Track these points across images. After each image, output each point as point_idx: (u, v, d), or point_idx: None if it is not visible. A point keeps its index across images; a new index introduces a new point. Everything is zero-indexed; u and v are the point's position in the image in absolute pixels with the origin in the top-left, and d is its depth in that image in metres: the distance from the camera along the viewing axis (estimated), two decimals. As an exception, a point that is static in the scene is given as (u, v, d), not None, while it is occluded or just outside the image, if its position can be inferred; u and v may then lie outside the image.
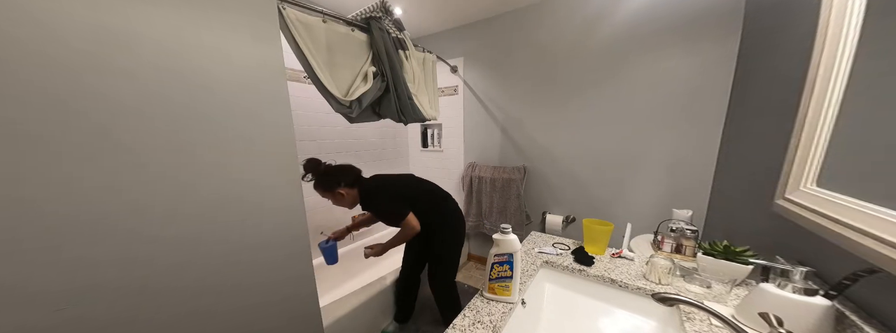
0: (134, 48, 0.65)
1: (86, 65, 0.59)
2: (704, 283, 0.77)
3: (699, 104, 1.45)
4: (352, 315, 1.42)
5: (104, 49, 0.61)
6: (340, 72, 1.30)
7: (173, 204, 0.73)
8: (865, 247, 0.44)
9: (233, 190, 0.84)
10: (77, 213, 0.61)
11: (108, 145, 0.63)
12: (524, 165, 2.07)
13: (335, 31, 1.26)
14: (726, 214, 1.28)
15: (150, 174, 0.69)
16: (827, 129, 0.61)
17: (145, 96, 0.67)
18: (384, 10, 1.42)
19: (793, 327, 0.50)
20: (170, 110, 0.71)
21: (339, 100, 1.27)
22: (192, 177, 0.76)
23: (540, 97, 1.96)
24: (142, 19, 0.66)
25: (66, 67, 0.57)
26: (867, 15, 0.55)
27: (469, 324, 0.67)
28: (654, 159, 1.63)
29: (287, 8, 1.08)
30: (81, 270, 0.63)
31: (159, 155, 0.70)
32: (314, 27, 1.17)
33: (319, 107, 1.76)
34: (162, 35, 0.68)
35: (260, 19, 0.86)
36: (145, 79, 0.67)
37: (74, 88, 0.58)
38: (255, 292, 0.93)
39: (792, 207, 0.66)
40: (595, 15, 1.67)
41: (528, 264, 0.95)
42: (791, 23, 0.91)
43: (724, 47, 1.35)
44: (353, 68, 1.35)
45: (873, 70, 0.54)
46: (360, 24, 1.37)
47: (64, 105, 0.58)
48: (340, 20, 1.30)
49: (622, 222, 1.37)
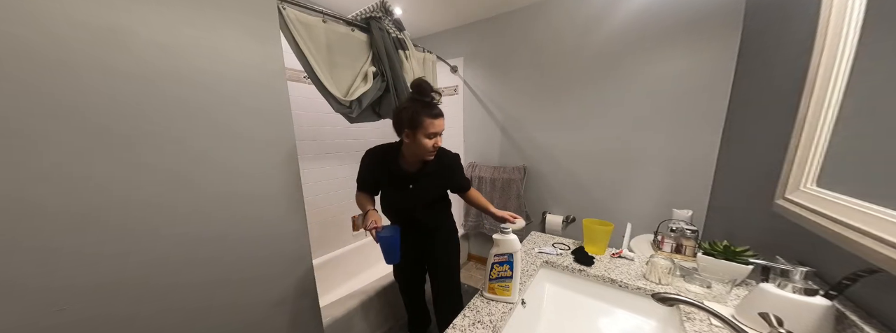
0: (132, 48, 0.65)
1: (84, 65, 0.59)
2: (704, 283, 0.77)
3: (699, 104, 1.45)
4: (352, 315, 1.42)
5: (103, 48, 0.61)
6: (340, 72, 1.30)
7: (173, 204, 0.73)
8: (865, 247, 0.44)
9: (233, 190, 0.84)
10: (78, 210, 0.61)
11: (107, 145, 0.63)
12: (524, 165, 2.07)
13: (335, 31, 1.26)
14: (726, 214, 1.28)
15: (150, 173, 0.69)
16: (827, 129, 0.61)
17: (144, 96, 0.67)
18: (384, 10, 1.42)
19: (793, 327, 0.50)
20: (170, 110, 0.71)
21: (339, 100, 1.27)
22: (191, 177, 0.76)
23: (540, 97, 1.96)
24: (141, 19, 0.66)
25: (64, 67, 0.57)
26: (867, 15, 0.55)
27: (469, 324, 0.67)
28: (655, 159, 1.63)
29: (287, 8, 1.08)
30: (82, 267, 0.63)
31: (159, 154, 0.70)
32: (314, 27, 1.17)
33: (319, 107, 1.76)
34: (161, 35, 0.68)
35: (260, 19, 0.86)
36: (145, 79, 0.67)
37: (73, 88, 0.58)
38: (255, 291, 0.93)
39: (792, 207, 0.66)
40: (595, 15, 1.67)
41: (528, 264, 0.95)
42: (791, 23, 0.91)
43: (724, 47, 1.35)
44: (353, 68, 1.35)
45: (873, 70, 0.54)
46: (360, 24, 1.37)
47: (63, 104, 0.58)
48: (340, 20, 1.30)
49: (622, 222, 1.37)
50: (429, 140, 0.99)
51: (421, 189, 1.13)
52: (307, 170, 1.90)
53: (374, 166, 1.14)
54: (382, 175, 1.13)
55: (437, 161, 1.11)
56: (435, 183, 1.15)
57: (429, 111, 0.96)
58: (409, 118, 0.97)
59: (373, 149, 1.16)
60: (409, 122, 0.98)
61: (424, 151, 1.02)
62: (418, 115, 0.96)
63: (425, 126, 0.96)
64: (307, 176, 1.88)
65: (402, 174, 1.11)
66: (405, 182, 1.11)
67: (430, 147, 1.00)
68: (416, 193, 1.13)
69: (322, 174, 2.01)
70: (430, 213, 1.19)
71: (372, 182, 1.17)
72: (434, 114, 0.97)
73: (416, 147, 1.01)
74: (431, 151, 1.03)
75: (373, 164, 1.14)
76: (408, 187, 1.12)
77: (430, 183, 1.14)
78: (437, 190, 1.18)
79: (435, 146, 1.01)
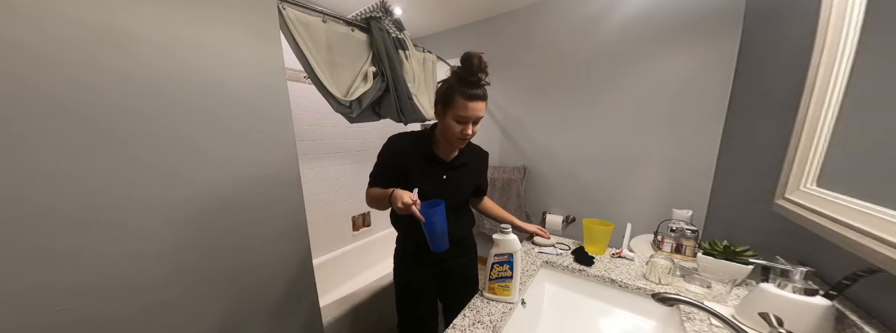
0: (131, 48, 0.65)
1: (83, 65, 0.59)
2: (704, 283, 0.77)
3: (699, 104, 1.45)
4: (352, 315, 1.42)
5: (102, 48, 0.61)
6: (340, 72, 1.30)
7: (173, 204, 0.73)
8: (865, 247, 0.44)
9: (233, 190, 0.84)
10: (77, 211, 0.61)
11: (105, 145, 0.63)
12: (524, 165, 2.07)
13: (335, 31, 1.26)
14: (726, 214, 1.28)
15: (148, 174, 0.69)
16: (827, 129, 0.61)
17: (144, 96, 0.67)
18: (384, 10, 1.42)
19: (793, 327, 0.50)
20: (169, 110, 0.71)
21: (339, 100, 1.27)
22: (191, 177, 0.76)
23: (540, 97, 1.96)
24: (140, 19, 0.65)
25: (63, 66, 0.57)
26: (867, 15, 0.55)
27: (469, 324, 0.67)
28: (655, 159, 1.63)
29: (287, 8, 1.08)
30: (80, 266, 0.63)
31: (158, 155, 0.70)
32: (314, 27, 1.17)
33: (319, 107, 1.76)
34: (161, 35, 0.68)
35: (260, 19, 0.86)
36: (144, 79, 0.67)
37: (72, 88, 0.58)
38: (255, 291, 0.93)
39: (792, 207, 0.66)
40: (595, 15, 1.67)
41: (528, 264, 0.95)
42: (791, 23, 0.91)
43: (724, 47, 1.35)
44: (353, 68, 1.35)
45: (873, 70, 0.54)
46: (360, 24, 1.37)
47: (62, 104, 0.58)
48: (340, 20, 1.30)
49: (622, 222, 1.37)
50: (458, 124, 0.82)
51: (457, 180, 0.96)
52: (307, 170, 1.90)
53: (404, 150, 0.92)
54: (413, 161, 0.92)
55: (472, 152, 1.01)
56: (470, 175, 1.01)
57: (465, 89, 0.79)
58: (442, 93, 0.83)
59: (401, 134, 0.96)
60: (441, 98, 0.84)
61: (452, 137, 0.85)
62: (452, 92, 0.80)
63: (456, 106, 0.80)
64: (307, 176, 1.88)
65: (436, 160, 0.93)
66: (439, 170, 0.94)
67: (458, 133, 0.83)
68: (450, 185, 0.95)
69: (322, 174, 2.01)
70: (455, 219, 0.98)
71: (397, 171, 0.93)
72: (470, 94, 0.78)
73: (445, 130, 0.86)
74: (460, 139, 0.85)
75: (403, 148, 0.93)
76: (441, 177, 0.94)
77: (465, 175, 0.99)
78: (470, 185, 1.01)
79: (464, 133, 0.83)
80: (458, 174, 0.97)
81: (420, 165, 0.92)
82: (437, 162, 0.93)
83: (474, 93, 0.79)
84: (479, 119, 0.83)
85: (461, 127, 0.82)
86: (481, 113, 0.82)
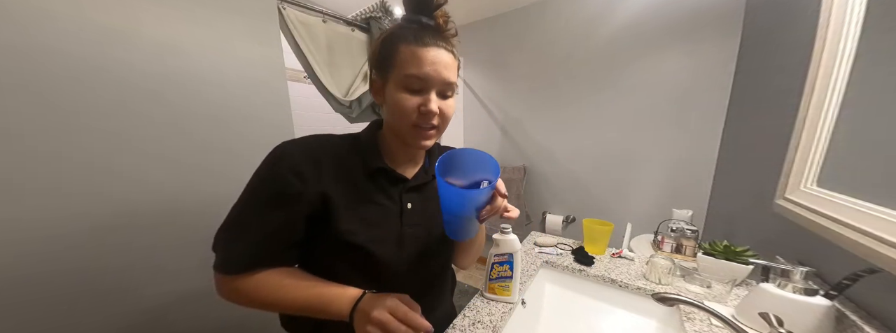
0: (131, 48, 0.65)
1: (83, 65, 0.59)
2: (704, 283, 0.77)
3: (699, 104, 1.45)
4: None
5: (102, 48, 0.61)
6: (340, 72, 1.30)
7: (173, 204, 0.73)
8: (865, 247, 0.44)
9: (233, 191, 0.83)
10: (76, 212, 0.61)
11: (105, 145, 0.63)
12: (524, 165, 2.07)
13: (335, 31, 1.26)
14: (726, 214, 1.28)
15: (148, 174, 0.69)
16: (827, 129, 0.61)
17: (144, 96, 0.67)
18: (384, 10, 1.42)
19: (793, 327, 0.50)
20: (169, 110, 0.71)
21: (339, 100, 1.27)
22: (192, 177, 0.76)
23: (540, 97, 1.96)
24: (140, 18, 0.65)
25: (63, 66, 0.57)
26: (867, 15, 0.55)
27: (469, 324, 0.67)
28: (655, 159, 1.63)
29: (287, 8, 1.08)
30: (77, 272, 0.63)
31: (157, 154, 0.70)
32: (314, 27, 1.17)
33: (319, 107, 1.76)
34: (161, 34, 0.68)
35: (260, 19, 0.86)
36: (144, 78, 0.67)
37: (72, 88, 0.58)
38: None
39: (792, 207, 0.66)
40: (595, 15, 1.67)
41: (528, 264, 0.95)
42: (791, 23, 0.91)
43: (724, 47, 1.35)
44: (353, 68, 1.35)
45: (873, 70, 0.54)
46: (360, 24, 1.37)
47: (61, 105, 0.58)
48: (340, 20, 1.30)
49: (622, 222, 1.37)
50: (411, 95, 0.45)
51: (428, 212, 0.55)
52: (307, 170, 1.90)
53: (313, 170, 0.47)
54: (337, 188, 0.48)
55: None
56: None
57: (412, 35, 0.44)
58: (376, 50, 0.48)
59: (305, 140, 0.50)
60: (375, 58, 0.48)
61: (405, 125, 0.46)
62: (391, 42, 0.45)
63: (401, 61, 0.44)
64: (307, 176, 1.87)
65: (387, 176, 0.52)
66: (393, 195, 0.53)
67: (413, 113, 0.45)
68: (417, 225, 0.54)
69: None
70: (429, 300, 0.59)
71: (294, 218, 0.47)
72: (425, 41, 0.44)
73: (394, 115, 0.47)
74: (420, 127, 0.47)
75: (315, 161, 0.47)
76: (399, 208, 0.52)
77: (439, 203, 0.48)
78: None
79: (426, 113, 0.45)
80: (429, 200, 0.56)
81: (352, 192, 0.49)
82: (388, 179, 0.52)
83: (428, 40, 0.44)
84: (447, 86, 0.46)
85: (418, 99, 0.45)
86: (449, 73, 0.45)
